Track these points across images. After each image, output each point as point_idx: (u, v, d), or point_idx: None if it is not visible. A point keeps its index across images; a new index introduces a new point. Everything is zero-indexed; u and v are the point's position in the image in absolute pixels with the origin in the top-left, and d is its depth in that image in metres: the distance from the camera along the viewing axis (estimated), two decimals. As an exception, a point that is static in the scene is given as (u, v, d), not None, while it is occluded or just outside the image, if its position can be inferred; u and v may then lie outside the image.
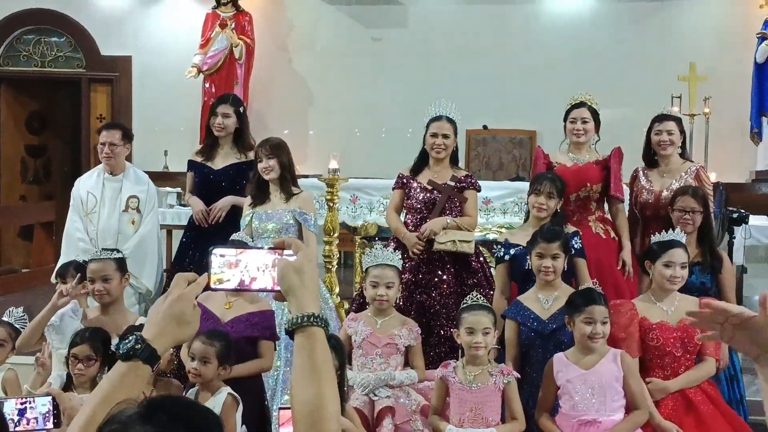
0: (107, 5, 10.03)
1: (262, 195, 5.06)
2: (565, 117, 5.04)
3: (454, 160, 5.10)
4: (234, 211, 5.44)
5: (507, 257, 4.53)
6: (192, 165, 5.70)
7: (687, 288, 4.12)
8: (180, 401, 1.41)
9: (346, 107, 9.61)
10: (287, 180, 5.04)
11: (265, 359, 4.09)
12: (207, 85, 9.39)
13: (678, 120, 5.09)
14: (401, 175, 5.11)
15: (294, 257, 1.70)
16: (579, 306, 3.71)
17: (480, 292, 4.26)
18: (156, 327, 1.66)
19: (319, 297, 1.83)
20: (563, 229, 4.33)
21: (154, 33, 9.96)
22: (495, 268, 4.80)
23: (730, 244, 5.97)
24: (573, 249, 4.34)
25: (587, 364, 3.69)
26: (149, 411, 1.30)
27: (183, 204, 7.42)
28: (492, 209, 5.99)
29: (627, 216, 5.05)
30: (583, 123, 4.97)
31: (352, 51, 9.72)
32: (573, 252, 4.33)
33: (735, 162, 8.98)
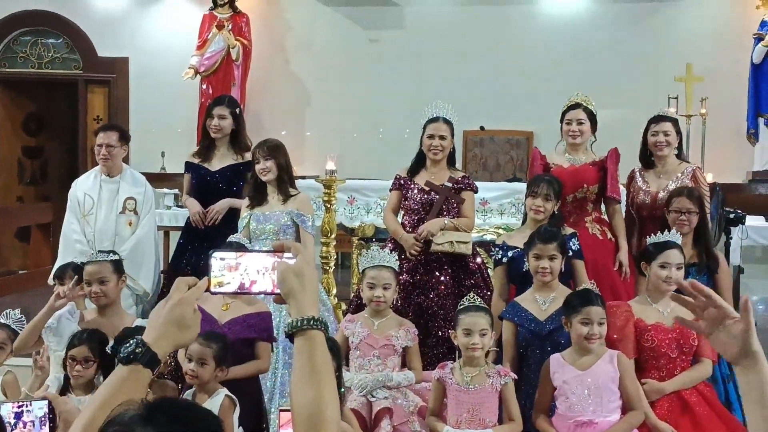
0: (104, 7, 10.03)
1: (259, 196, 5.06)
2: (562, 118, 5.04)
3: (451, 161, 5.10)
4: (231, 213, 5.43)
5: (505, 260, 4.54)
6: (189, 166, 5.69)
7: (683, 289, 4.12)
8: (180, 403, 1.41)
9: (343, 108, 9.61)
10: (285, 181, 5.03)
11: (263, 361, 4.08)
12: (204, 87, 9.40)
13: (674, 121, 5.09)
14: (398, 177, 5.11)
15: (293, 260, 1.70)
16: (576, 307, 3.72)
17: (477, 293, 4.27)
18: (157, 331, 1.66)
19: (319, 300, 1.83)
20: (560, 231, 4.33)
21: (150, 34, 9.96)
22: (493, 270, 4.81)
23: (726, 244, 5.99)
24: (571, 250, 4.34)
25: (584, 365, 3.69)
26: (150, 412, 1.30)
27: (180, 205, 7.42)
28: (489, 210, 6.01)
29: (624, 217, 5.06)
30: (579, 124, 4.97)
31: (349, 52, 9.73)
32: (571, 253, 4.33)
33: (732, 163, 9.00)
